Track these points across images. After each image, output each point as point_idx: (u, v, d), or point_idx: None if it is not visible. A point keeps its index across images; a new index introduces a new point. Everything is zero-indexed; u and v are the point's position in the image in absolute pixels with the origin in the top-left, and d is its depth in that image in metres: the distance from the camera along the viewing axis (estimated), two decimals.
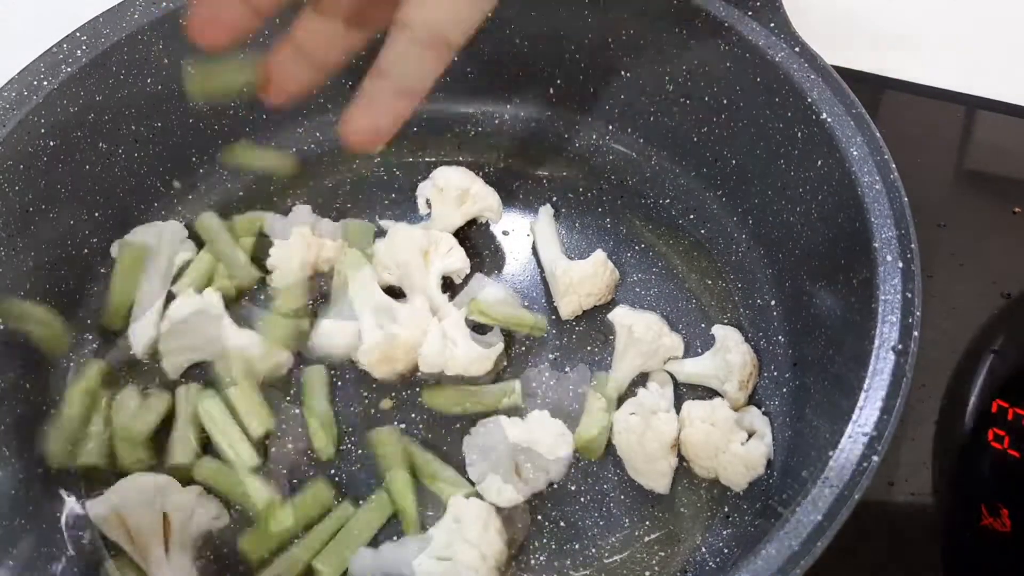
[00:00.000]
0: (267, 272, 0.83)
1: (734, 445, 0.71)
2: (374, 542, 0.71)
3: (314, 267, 0.84)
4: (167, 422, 0.76)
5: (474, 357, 0.77)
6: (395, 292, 0.83)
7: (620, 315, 0.79)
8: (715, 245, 0.87)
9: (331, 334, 0.79)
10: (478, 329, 0.80)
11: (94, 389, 0.76)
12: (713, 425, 0.72)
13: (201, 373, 0.80)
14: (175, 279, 0.83)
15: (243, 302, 0.84)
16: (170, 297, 0.81)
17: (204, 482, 0.73)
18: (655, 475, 0.73)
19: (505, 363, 0.80)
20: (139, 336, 0.80)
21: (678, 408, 0.75)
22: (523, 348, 0.81)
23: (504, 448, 0.71)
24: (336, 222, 0.87)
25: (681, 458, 0.74)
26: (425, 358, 0.77)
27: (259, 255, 0.85)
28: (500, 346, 0.79)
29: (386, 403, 0.78)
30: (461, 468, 0.74)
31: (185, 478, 0.72)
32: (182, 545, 0.70)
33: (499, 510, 0.71)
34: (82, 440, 0.74)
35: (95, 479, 0.74)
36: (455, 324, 0.78)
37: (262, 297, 0.84)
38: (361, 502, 0.73)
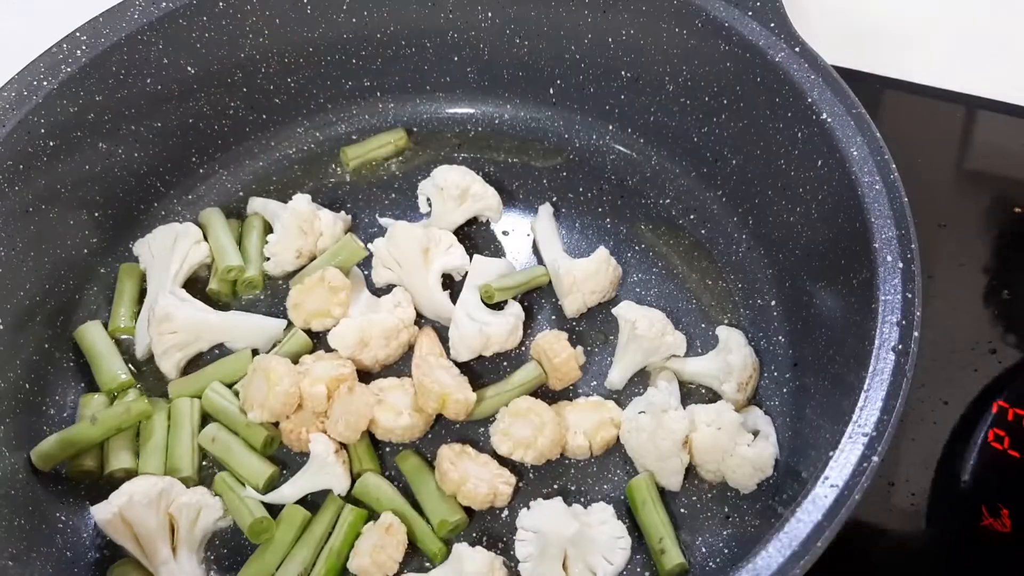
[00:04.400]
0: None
1: (741, 447, 0.71)
2: None
3: (310, 255, 0.84)
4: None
5: (509, 328, 0.78)
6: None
7: (625, 310, 0.79)
8: (715, 245, 0.87)
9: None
10: (491, 307, 0.81)
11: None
12: (719, 429, 0.72)
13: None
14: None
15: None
16: None
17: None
18: (667, 473, 0.72)
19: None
20: (140, 339, 0.80)
21: None
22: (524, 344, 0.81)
23: (557, 537, 0.68)
24: (335, 212, 0.87)
25: None
26: (464, 342, 0.77)
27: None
28: (521, 312, 0.80)
29: None
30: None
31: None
32: (189, 546, 0.70)
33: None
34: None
35: (101, 484, 0.74)
36: (477, 306, 0.79)
37: (262, 296, 0.85)
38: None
